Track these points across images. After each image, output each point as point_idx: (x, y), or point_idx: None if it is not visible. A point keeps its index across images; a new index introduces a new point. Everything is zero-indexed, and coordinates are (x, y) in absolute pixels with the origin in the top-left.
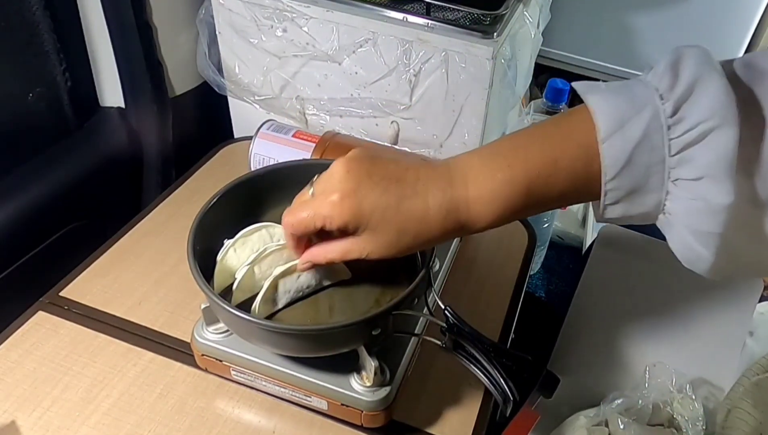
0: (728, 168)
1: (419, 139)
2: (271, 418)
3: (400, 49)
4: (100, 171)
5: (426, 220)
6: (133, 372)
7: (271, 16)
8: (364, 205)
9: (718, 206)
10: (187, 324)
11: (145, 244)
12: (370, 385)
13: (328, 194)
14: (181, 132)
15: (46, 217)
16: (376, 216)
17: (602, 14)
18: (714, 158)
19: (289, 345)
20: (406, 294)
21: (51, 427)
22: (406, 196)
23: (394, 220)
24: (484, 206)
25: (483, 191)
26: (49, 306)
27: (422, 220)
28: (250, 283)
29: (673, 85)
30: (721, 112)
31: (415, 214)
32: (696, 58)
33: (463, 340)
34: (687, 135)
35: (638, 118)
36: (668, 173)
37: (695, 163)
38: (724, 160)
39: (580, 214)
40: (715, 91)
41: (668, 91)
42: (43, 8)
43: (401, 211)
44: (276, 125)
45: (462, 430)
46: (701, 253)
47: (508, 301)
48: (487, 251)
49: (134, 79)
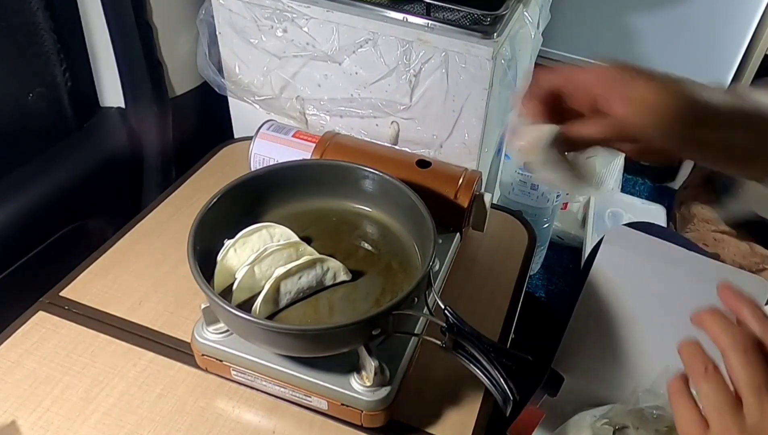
0: None
1: (419, 139)
2: (271, 418)
3: (400, 50)
4: (100, 171)
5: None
6: (133, 372)
7: (271, 16)
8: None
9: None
10: (187, 324)
11: (145, 244)
12: (370, 385)
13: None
14: (181, 132)
15: (46, 217)
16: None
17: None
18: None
19: (290, 345)
20: (406, 294)
21: (51, 427)
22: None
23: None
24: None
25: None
26: (49, 306)
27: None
28: (251, 283)
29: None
30: None
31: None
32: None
33: (463, 340)
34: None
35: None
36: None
37: None
38: None
39: (580, 214)
40: None
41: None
42: (43, 8)
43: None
44: (276, 125)
45: (462, 430)
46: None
47: (508, 301)
48: (487, 251)
49: (134, 79)
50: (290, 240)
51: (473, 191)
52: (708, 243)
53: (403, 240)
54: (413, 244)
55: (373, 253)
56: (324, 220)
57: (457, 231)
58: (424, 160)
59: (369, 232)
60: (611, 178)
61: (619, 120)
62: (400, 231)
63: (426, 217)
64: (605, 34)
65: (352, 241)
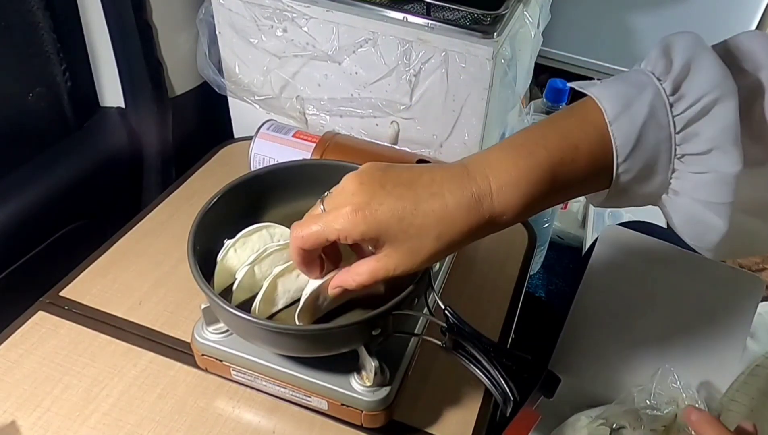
0: (734, 138)
1: (419, 139)
2: (271, 418)
3: (400, 49)
4: (100, 171)
5: (447, 219)
6: (133, 372)
7: (271, 16)
8: (379, 214)
9: (728, 176)
10: (187, 324)
11: (145, 244)
12: (370, 385)
13: (340, 208)
14: (181, 132)
15: (46, 217)
16: (394, 224)
17: (602, 14)
18: (719, 130)
19: (289, 345)
20: (406, 294)
21: (51, 427)
22: (422, 199)
23: (414, 224)
24: (510, 193)
25: (507, 179)
26: (49, 306)
27: (443, 220)
28: (250, 283)
29: (668, 67)
30: (720, 84)
31: (435, 214)
32: (685, 42)
33: (463, 340)
34: (690, 110)
35: (641, 98)
36: (674, 151)
37: (701, 137)
38: (729, 131)
39: (580, 214)
40: (710, 67)
41: (665, 73)
42: (43, 8)
43: (419, 214)
44: (276, 125)
45: (462, 430)
46: (714, 223)
47: (508, 301)
48: (487, 251)
49: (134, 79)
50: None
51: None
52: None
53: None
54: None
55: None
56: None
57: None
58: (424, 159)
59: None
60: None
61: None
62: None
63: None
64: (605, 34)
65: None
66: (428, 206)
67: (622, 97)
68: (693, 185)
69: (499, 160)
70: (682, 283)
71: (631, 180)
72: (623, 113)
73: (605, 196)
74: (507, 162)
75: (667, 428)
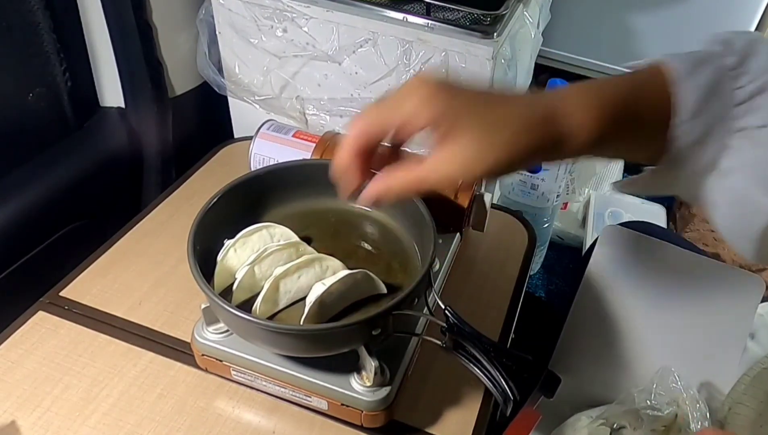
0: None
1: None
2: (271, 418)
3: (400, 49)
4: (100, 171)
5: (523, 122)
6: (133, 372)
7: (271, 16)
8: (455, 100)
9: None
10: (187, 324)
11: (145, 244)
12: (370, 385)
13: (407, 95)
14: (181, 132)
15: (46, 217)
16: (469, 111)
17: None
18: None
19: (289, 345)
20: (406, 294)
21: (51, 427)
22: (497, 103)
23: (486, 120)
24: (584, 114)
25: (580, 102)
26: (49, 306)
27: (518, 120)
28: (251, 283)
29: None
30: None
31: (512, 115)
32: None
33: (463, 340)
34: (752, 85)
35: (707, 65)
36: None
37: (763, 110)
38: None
39: (580, 214)
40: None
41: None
42: (43, 8)
43: (494, 112)
44: (276, 125)
45: (462, 430)
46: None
47: (508, 301)
48: (487, 251)
49: (134, 79)
50: (290, 240)
51: (473, 191)
52: (708, 243)
53: (403, 240)
54: (413, 244)
55: (373, 253)
56: (324, 220)
57: (457, 231)
58: None
59: (369, 232)
60: (611, 178)
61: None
62: (400, 231)
63: (426, 217)
64: (605, 34)
65: (352, 241)
66: (503, 110)
67: (689, 62)
68: (747, 161)
69: (570, 91)
70: (682, 283)
71: (686, 147)
72: (691, 75)
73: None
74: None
75: (668, 428)
